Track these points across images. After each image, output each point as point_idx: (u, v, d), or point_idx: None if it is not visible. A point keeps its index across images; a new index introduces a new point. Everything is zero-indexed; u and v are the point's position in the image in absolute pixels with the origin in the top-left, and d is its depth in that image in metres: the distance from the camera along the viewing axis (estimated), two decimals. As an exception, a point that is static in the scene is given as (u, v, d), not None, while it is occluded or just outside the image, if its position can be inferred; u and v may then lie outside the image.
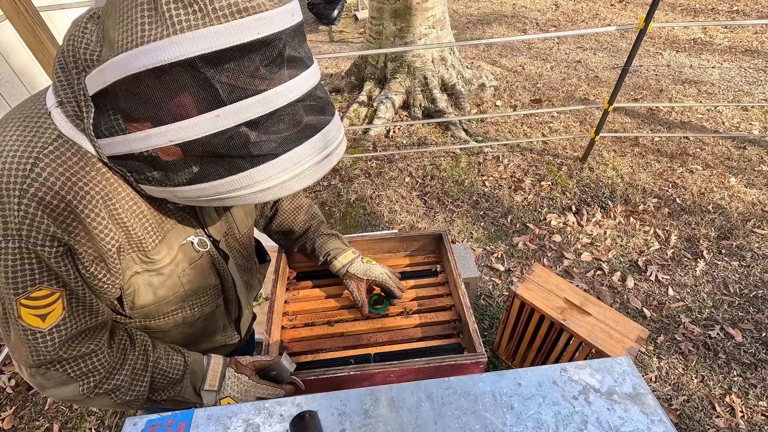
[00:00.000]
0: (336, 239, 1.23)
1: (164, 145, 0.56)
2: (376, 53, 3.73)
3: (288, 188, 0.61)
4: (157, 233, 0.73)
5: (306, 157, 0.60)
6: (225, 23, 0.50)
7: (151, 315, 0.82)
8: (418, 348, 1.27)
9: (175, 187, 0.61)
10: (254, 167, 0.58)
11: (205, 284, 0.86)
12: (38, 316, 0.65)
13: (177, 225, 0.77)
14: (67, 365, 0.71)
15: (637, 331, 1.48)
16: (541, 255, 2.48)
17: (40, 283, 0.63)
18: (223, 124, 0.54)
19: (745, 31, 4.70)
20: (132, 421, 0.73)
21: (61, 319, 0.67)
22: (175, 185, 0.61)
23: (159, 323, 0.84)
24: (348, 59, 4.71)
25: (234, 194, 0.60)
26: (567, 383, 0.72)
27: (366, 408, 0.70)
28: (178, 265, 0.78)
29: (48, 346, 0.67)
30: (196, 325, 0.90)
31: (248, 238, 0.99)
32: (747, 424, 1.76)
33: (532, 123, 3.54)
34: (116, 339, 0.78)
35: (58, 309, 0.66)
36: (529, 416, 0.67)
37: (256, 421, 0.71)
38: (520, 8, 5.79)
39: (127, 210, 0.68)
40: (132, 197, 0.69)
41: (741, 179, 2.89)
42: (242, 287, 0.98)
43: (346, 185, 3.07)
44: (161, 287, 0.78)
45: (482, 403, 0.70)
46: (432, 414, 0.69)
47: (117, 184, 0.66)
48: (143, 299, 0.77)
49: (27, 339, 0.66)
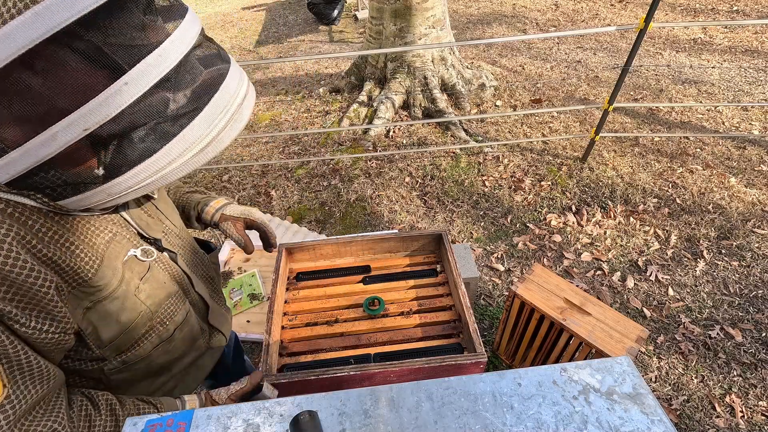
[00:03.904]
0: (202, 193, 1.13)
1: (79, 136, 0.48)
2: (376, 53, 3.74)
3: (224, 139, 0.57)
4: (92, 258, 0.65)
5: (227, 103, 0.56)
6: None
7: (124, 345, 0.74)
8: (418, 348, 1.27)
9: (108, 183, 0.53)
10: (184, 128, 0.53)
11: (166, 294, 0.79)
12: None
13: (112, 242, 0.69)
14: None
15: (637, 331, 1.48)
16: (541, 255, 2.48)
17: None
18: (135, 91, 0.48)
19: (745, 31, 4.70)
20: (132, 421, 0.73)
21: (5, 397, 0.57)
22: (109, 179, 0.53)
23: (137, 352, 0.76)
24: (348, 59, 4.71)
25: (175, 165, 0.54)
26: (567, 383, 0.72)
27: (366, 408, 0.70)
28: (129, 284, 0.71)
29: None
30: (174, 338, 0.84)
31: (185, 231, 0.94)
32: (747, 424, 1.76)
33: (532, 123, 3.54)
34: (75, 407, 0.68)
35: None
36: (529, 416, 0.67)
37: (256, 421, 0.71)
38: (520, 8, 5.79)
39: (48, 243, 0.59)
40: (49, 226, 0.59)
41: (741, 179, 2.89)
42: (200, 282, 0.94)
43: (346, 185, 3.07)
44: (122, 312, 0.70)
45: (482, 403, 0.69)
46: (432, 414, 0.69)
47: (24, 218, 0.57)
48: (108, 332, 0.70)
49: None
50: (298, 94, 4.28)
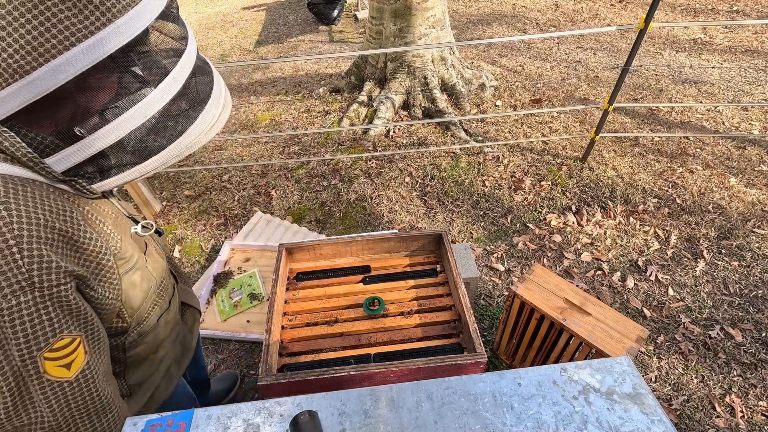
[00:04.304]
0: None
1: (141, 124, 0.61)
2: (376, 53, 3.73)
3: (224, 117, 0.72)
4: (115, 233, 0.73)
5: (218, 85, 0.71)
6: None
7: (141, 317, 0.82)
8: (418, 348, 1.27)
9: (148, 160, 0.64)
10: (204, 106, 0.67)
11: (161, 267, 0.89)
12: (63, 366, 0.62)
13: (118, 218, 0.77)
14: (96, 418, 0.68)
15: (637, 331, 1.48)
16: (541, 255, 2.48)
17: (60, 332, 0.60)
18: (178, 83, 0.62)
19: (745, 31, 4.70)
20: (132, 422, 0.73)
21: (86, 363, 0.65)
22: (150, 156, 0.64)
23: (149, 322, 0.85)
24: (348, 59, 4.71)
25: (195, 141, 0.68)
26: (567, 383, 0.72)
27: (366, 408, 0.70)
28: (139, 257, 0.80)
29: (76, 395, 0.64)
30: (171, 309, 0.94)
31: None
32: (747, 424, 1.76)
33: (532, 123, 3.54)
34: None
35: (81, 354, 0.64)
36: (529, 416, 0.67)
37: (256, 421, 0.71)
38: (520, 8, 5.79)
39: (92, 219, 0.68)
40: (82, 207, 0.67)
41: (741, 179, 2.89)
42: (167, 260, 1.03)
43: (346, 185, 3.07)
44: (143, 282, 0.80)
45: (482, 403, 0.69)
46: (432, 414, 0.69)
47: (72, 199, 0.65)
48: (137, 300, 0.78)
49: (56, 395, 0.62)
50: (298, 94, 4.28)
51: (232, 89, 4.53)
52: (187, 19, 6.85)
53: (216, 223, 2.83)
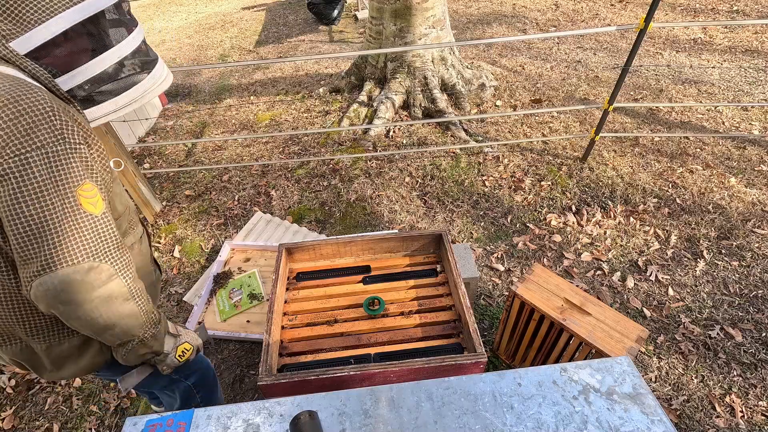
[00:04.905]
0: None
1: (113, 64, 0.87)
2: (376, 53, 3.74)
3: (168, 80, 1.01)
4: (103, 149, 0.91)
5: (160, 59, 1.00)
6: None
7: (122, 227, 0.98)
8: (418, 348, 1.27)
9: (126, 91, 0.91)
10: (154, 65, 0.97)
11: (127, 201, 1.04)
12: (92, 204, 0.79)
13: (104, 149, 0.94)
14: (116, 255, 0.82)
15: (637, 331, 1.48)
16: (541, 255, 2.48)
17: (84, 179, 0.78)
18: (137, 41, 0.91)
19: (745, 31, 4.70)
20: (132, 421, 0.73)
21: (105, 209, 0.81)
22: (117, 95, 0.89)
23: (126, 241, 0.99)
24: (348, 59, 4.71)
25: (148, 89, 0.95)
26: (567, 383, 0.72)
27: (366, 408, 0.70)
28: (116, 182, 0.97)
29: (107, 229, 0.80)
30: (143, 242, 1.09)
31: None
32: (747, 424, 1.76)
33: (532, 123, 3.54)
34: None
35: (101, 201, 0.81)
36: (529, 416, 0.67)
37: (256, 421, 0.71)
38: (520, 8, 5.79)
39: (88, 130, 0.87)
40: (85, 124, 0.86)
41: (741, 179, 2.89)
42: None
43: (346, 185, 3.07)
44: (122, 196, 0.98)
45: (482, 403, 0.69)
46: (432, 414, 0.69)
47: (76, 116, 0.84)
48: (120, 207, 0.96)
49: (91, 227, 0.78)
50: (298, 94, 4.28)
51: (232, 89, 4.53)
52: (188, 19, 6.85)
53: (216, 223, 2.83)
